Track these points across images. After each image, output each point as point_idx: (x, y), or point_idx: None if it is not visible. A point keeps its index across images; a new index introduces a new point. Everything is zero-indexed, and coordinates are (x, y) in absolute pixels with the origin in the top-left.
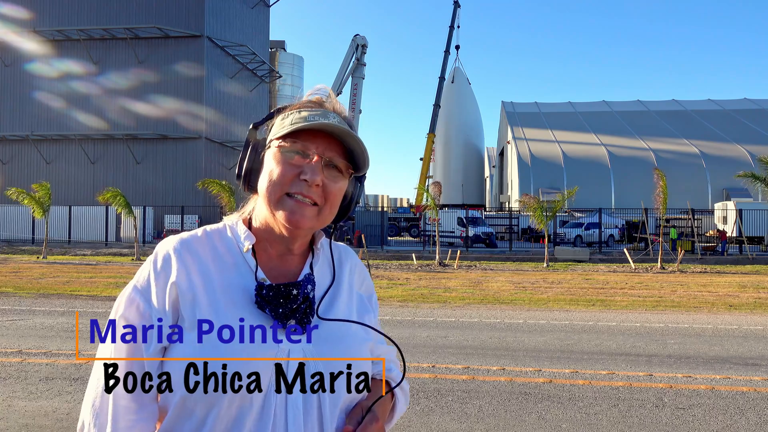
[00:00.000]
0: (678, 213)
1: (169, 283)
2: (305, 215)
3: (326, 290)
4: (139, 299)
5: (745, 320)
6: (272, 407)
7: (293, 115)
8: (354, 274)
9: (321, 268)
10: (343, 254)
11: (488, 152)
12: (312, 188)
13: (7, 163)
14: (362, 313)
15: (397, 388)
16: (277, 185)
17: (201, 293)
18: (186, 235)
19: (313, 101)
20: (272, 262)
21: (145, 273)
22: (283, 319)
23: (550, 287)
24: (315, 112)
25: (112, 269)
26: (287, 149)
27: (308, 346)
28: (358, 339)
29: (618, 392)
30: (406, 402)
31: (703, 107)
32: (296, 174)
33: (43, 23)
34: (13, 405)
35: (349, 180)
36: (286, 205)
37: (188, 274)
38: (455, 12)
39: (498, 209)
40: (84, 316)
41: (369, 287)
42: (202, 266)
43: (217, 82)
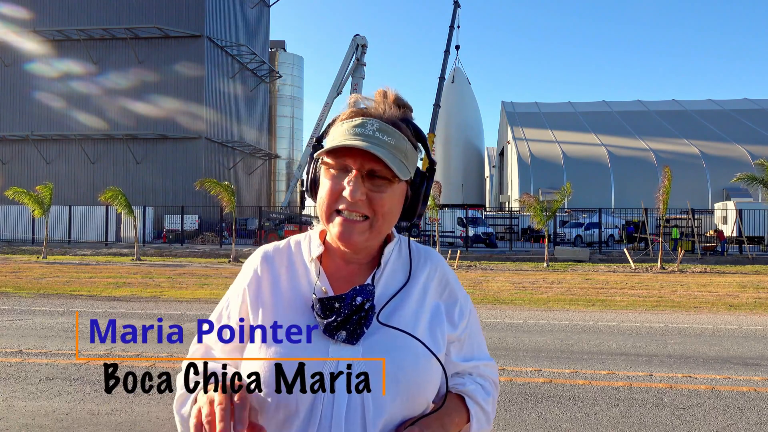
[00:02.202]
0: (678, 213)
1: (242, 289)
2: (355, 231)
3: (390, 297)
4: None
5: (745, 320)
6: (319, 408)
7: (337, 129)
8: (432, 280)
9: (388, 276)
10: (424, 258)
11: (488, 152)
12: (357, 203)
13: (7, 163)
14: (433, 325)
15: (477, 407)
16: (326, 203)
17: (267, 299)
18: (270, 247)
19: (356, 111)
20: (340, 272)
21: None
22: (332, 331)
23: (550, 287)
24: (355, 122)
25: (112, 269)
26: (331, 166)
27: (357, 357)
28: (415, 350)
29: (618, 392)
30: (487, 423)
31: (703, 107)
32: (341, 190)
33: (43, 23)
34: (13, 405)
35: (400, 183)
36: (336, 222)
37: (259, 281)
38: (455, 12)
39: (498, 209)
40: (84, 316)
41: (453, 296)
42: (274, 274)
43: (217, 82)
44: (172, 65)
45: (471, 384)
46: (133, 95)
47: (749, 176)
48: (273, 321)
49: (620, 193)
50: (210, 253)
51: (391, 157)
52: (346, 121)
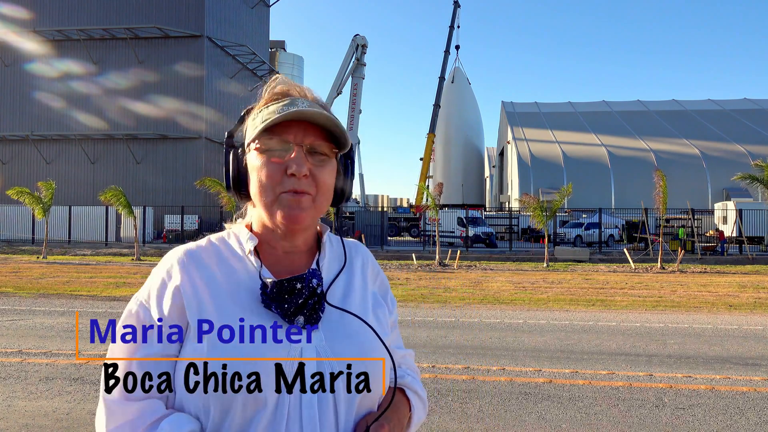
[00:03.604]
0: (678, 213)
1: (172, 287)
2: (303, 208)
3: (336, 276)
4: (141, 311)
5: (745, 320)
6: (286, 408)
7: (263, 113)
8: (367, 269)
9: (330, 262)
10: (354, 249)
11: (488, 152)
12: (302, 180)
13: (7, 163)
14: (377, 310)
15: (415, 396)
16: (268, 187)
17: (206, 297)
18: (192, 245)
19: (278, 92)
20: (279, 262)
21: (148, 287)
22: (290, 316)
23: (550, 287)
24: (282, 102)
25: (112, 269)
26: (266, 148)
27: (321, 344)
28: (371, 336)
29: (618, 392)
30: (424, 410)
31: (703, 107)
32: (283, 171)
33: (43, 23)
34: (13, 405)
35: (337, 161)
36: (281, 203)
37: (192, 280)
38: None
39: (498, 209)
40: (84, 316)
41: (384, 285)
42: (207, 272)
43: (217, 82)
44: (172, 65)
45: (407, 375)
46: (133, 95)
47: (749, 176)
48: (216, 318)
49: (620, 193)
50: None
51: (337, 123)
52: (272, 103)
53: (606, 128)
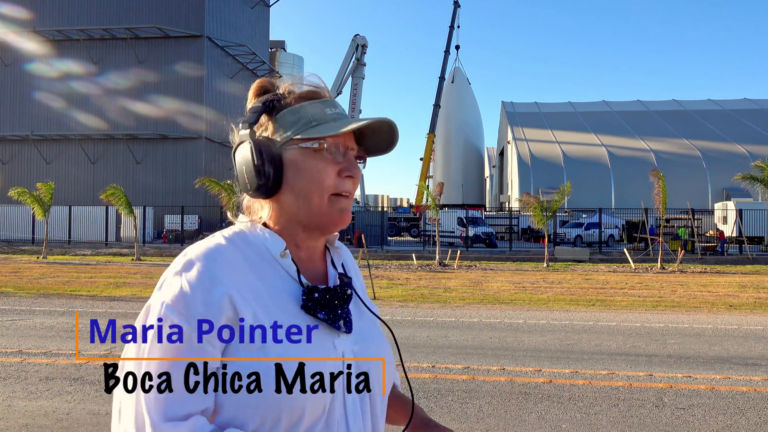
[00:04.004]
0: (678, 213)
1: (220, 293)
2: (349, 210)
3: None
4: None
5: (745, 320)
6: (335, 409)
7: (306, 110)
8: (355, 269)
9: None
10: (342, 249)
11: (488, 152)
12: (352, 183)
13: (7, 163)
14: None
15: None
16: (324, 188)
17: (255, 304)
18: (211, 244)
19: (313, 90)
20: (301, 262)
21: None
22: (336, 322)
23: (550, 287)
24: (327, 102)
25: (112, 269)
26: (320, 148)
27: (356, 347)
28: (383, 336)
29: (618, 392)
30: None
31: (703, 107)
32: (337, 172)
33: (43, 23)
34: (13, 405)
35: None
36: (336, 205)
37: (237, 286)
38: (455, 12)
39: (498, 209)
40: (84, 316)
41: (362, 279)
42: (245, 275)
43: (217, 82)
44: (172, 65)
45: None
46: (133, 95)
47: (749, 176)
48: (271, 320)
49: (620, 193)
50: None
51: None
52: (316, 101)
53: (606, 128)
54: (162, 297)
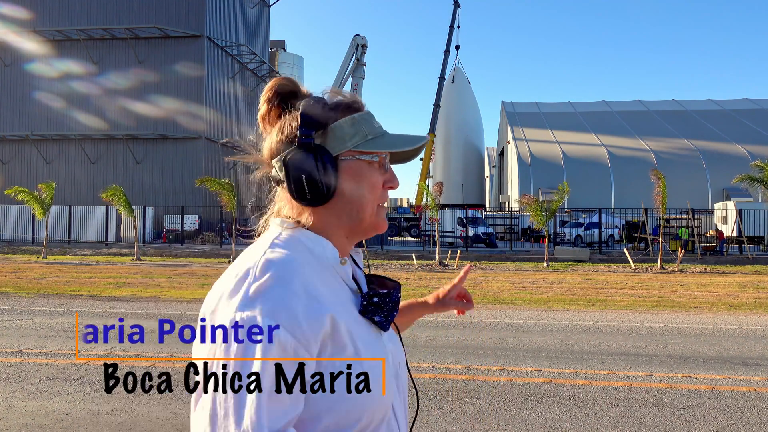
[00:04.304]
0: (678, 213)
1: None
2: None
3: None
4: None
5: (745, 320)
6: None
7: (362, 124)
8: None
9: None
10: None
11: (488, 152)
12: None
13: (7, 163)
14: None
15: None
16: (373, 198)
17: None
18: (282, 254)
19: (359, 103)
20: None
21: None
22: (389, 324)
23: (550, 287)
24: (373, 117)
25: (112, 269)
26: (373, 161)
27: (390, 345)
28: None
29: (618, 392)
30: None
31: (703, 107)
32: (382, 183)
33: (43, 23)
34: (13, 405)
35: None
36: (380, 214)
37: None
38: (455, 12)
39: (498, 209)
40: (84, 317)
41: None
42: (327, 288)
43: (217, 82)
44: (172, 65)
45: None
46: (133, 95)
47: (749, 177)
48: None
49: (620, 193)
50: (210, 253)
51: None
52: (365, 114)
53: (606, 128)
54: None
